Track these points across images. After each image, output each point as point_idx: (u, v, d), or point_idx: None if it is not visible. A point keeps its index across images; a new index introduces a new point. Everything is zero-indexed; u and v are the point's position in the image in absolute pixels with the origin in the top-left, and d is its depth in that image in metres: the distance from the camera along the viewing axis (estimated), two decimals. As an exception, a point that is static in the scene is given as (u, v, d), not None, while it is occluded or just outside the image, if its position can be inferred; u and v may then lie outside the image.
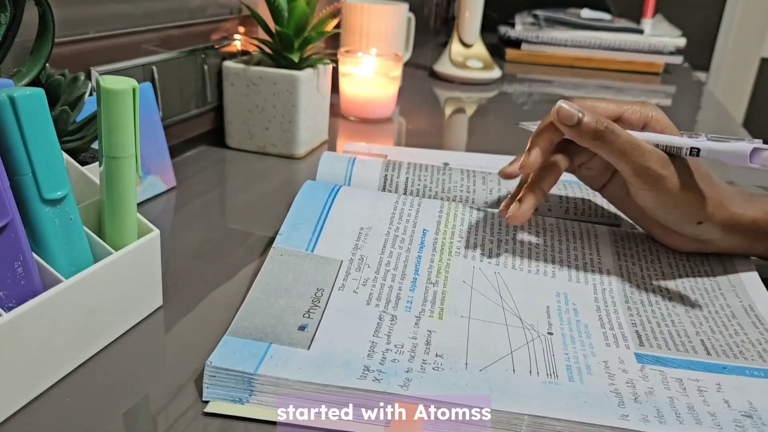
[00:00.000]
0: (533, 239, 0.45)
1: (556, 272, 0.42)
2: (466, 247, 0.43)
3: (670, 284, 0.43)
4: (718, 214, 0.42)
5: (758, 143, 0.36)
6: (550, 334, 0.37)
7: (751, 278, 0.44)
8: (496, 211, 0.48)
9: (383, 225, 0.44)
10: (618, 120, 0.42)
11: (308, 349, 0.33)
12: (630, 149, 0.39)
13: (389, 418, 0.30)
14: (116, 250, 0.35)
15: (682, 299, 0.41)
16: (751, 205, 0.43)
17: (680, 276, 0.44)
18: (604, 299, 0.41)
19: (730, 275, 0.44)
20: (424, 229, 0.44)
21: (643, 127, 0.42)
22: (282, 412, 0.30)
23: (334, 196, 0.46)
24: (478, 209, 0.48)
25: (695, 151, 0.38)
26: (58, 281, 0.31)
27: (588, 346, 0.36)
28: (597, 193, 0.51)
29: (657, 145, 0.40)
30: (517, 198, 0.43)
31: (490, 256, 0.43)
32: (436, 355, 0.34)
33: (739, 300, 0.42)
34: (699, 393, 0.33)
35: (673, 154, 0.39)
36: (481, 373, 0.33)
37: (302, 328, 0.35)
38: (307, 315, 0.36)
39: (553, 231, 0.46)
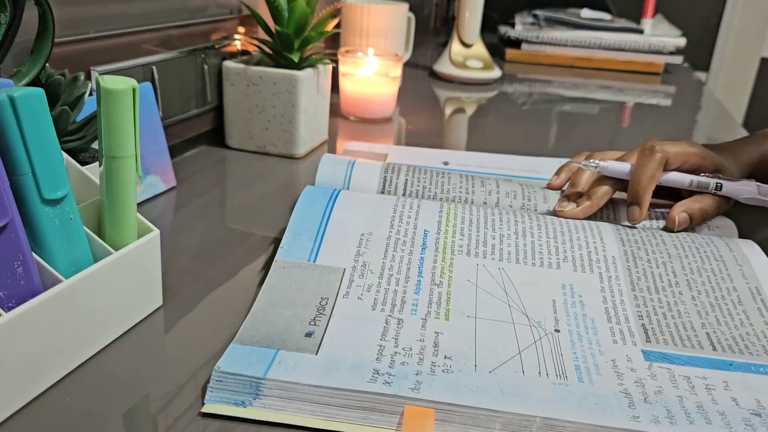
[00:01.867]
0: (536, 232, 0.45)
1: (560, 263, 0.42)
2: (469, 244, 0.43)
3: (677, 267, 0.43)
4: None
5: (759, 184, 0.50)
6: (557, 331, 0.37)
7: (757, 257, 0.44)
8: (497, 204, 0.50)
9: (384, 229, 0.44)
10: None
11: (316, 354, 0.33)
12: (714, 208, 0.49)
13: (399, 422, 0.30)
14: (116, 250, 0.35)
15: (688, 284, 0.41)
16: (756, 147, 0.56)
17: (686, 257, 0.44)
18: (611, 288, 0.41)
19: (736, 253, 0.44)
20: (425, 230, 0.44)
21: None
22: (287, 415, 0.30)
23: (334, 202, 0.47)
24: (478, 207, 0.48)
25: (719, 186, 0.49)
26: (58, 281, 0.31)
27: (595, 344, 0.36)
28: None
29: (691, 183, 0.49)
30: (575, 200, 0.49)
31: (493, 252, 0.43)
32: (445, 357, 0.34)
33: (746, 281, 0.42)
34: (707, 391, 0.33)
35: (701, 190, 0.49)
36: (490, 375, 0.33)
37: (309, 334, 0.35)
38: (313, 322, 0.36)
39: (554, 223, 0.46)
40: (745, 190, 0.50)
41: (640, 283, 0.41)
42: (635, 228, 0.47)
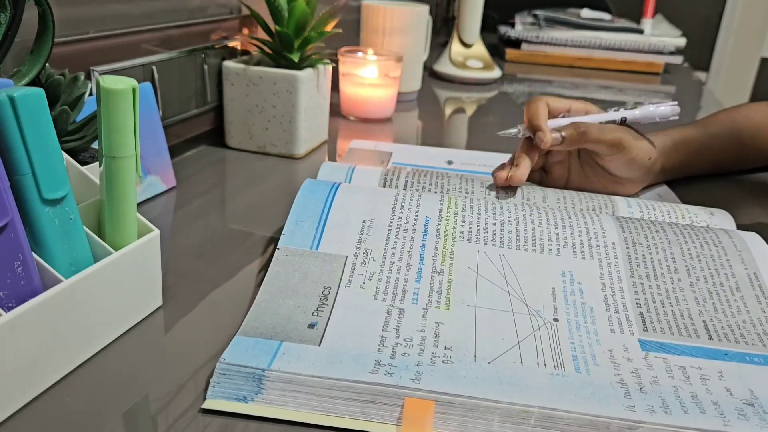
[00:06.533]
0: (536, 219, 0.45)
1: (560, 249, 0.42)
2: (470, 231, 0.43)
3: (676, 252, 0.43)
4: (651, 152, 0.57)
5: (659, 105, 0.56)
6: (556, 320, 0.37)
7: (756, 244, 0.44)
8: (497, 197, 0.50)
9: (385, 216, 0.44)
10: (568, 111, 0.56)
11: (319, 345, 0.33)
12: (600, 133, 0.52)
13: (398, 416, 0.30)
14: (116, 250, 0.35)
15: (687, 270, 0.41)
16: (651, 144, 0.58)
17: (686, 243, 0.44)
18: (610, 275, 0.41)
19: (735, 240, 0.44)
20: (427, 217, 0.44)
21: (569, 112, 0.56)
22: (290, 409, 0.31)
23: (335, 192, 0.47)
24: (479, 198, 0.48)
25: (624, 119, 0.56)
26: (58, 281, 0.31)
27: (593, 333, 0.36)
28: (595, 195, 0.51)
29: (600, 123, 0.54)
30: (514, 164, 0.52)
31: (494, 239, 0.43)
32: (445, 348, 0.34)
33: (745, 267, 0.42)
34: (702, 381, 0.33)
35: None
36: (489, 365, 0.33)
37: (312, 325, 0.35)
38: (315, 313, 0.36)
39: (555, 211, 0.46)
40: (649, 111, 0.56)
41: (639, 270, 0.41)
42: (634, 217, 0.47)
